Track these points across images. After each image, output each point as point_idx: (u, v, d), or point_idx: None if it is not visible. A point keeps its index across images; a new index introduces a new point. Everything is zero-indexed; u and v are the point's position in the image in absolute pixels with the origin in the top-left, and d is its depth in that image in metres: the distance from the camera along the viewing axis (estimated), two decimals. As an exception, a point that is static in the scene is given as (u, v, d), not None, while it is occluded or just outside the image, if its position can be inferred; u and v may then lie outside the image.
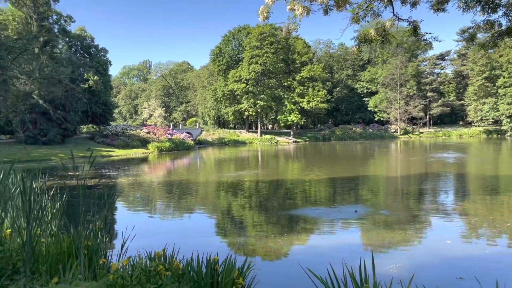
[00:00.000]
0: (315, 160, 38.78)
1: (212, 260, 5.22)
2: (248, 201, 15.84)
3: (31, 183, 6.22)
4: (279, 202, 15.27)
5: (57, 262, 6.42)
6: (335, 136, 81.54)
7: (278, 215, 12.81)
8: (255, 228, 11.17)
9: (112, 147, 52.82)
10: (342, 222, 11.52)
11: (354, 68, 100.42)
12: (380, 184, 20.31)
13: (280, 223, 11.62)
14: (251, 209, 14.10)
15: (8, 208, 6.79)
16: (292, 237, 10.12)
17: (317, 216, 12.30)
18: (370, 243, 9.26)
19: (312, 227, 11.09)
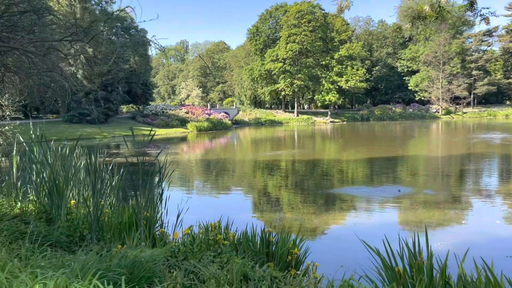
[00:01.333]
0: (354, 140, 38.38)
1: (266, 232, 5.48)
2: (291, 180, 16.08)
3: (95, 159, 6.68)
4: (322, 182, 15.42)
5: (120, 231, 6.91)
6: (373, 116, 79.94)
7: (323, 193, 12.98)
8: (303, 205, 11.40)
9: (152, 126, 54.23)
10: (388, 201, 11.55)
11: (394, 46, 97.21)
12: (421, 164, 20.00)
13: (327, 202, 11.80)
14: (295, 188, 14.34)
15: (70, 181, 7.30)
16: (341, 214, 10.32)
17: (362, 195, 12.39)
18: (418, 221, 9.29)
19: (360, 205, 11.22)
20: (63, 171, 7.08)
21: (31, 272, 3.24)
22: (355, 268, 4.59)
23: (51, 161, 7.19)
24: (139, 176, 6.81)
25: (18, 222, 6.51)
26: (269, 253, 5.21)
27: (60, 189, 6.80)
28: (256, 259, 5.03)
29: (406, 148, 28.86)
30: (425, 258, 4.21)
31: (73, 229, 6.83)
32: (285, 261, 5.04)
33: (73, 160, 7.53)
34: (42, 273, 3.29)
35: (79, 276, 3.34)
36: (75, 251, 6.20)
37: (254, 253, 5.23)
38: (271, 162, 21.58)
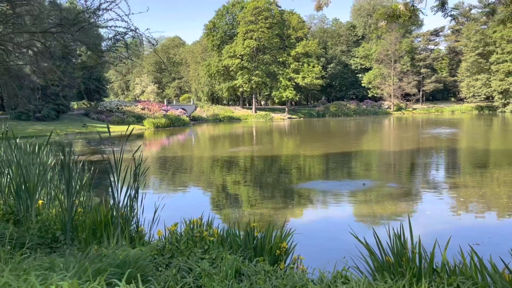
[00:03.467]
0: (312, 136, 39.13)
1: (251, 227, 5.49)
2: (254, 176, 16.16)
3: (69, 157, 6.41)
4: (287, 177, 15.62)
5: (94, 230, 6.67)
6: (329, 113, 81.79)
7: (289, 188, 13.16)
8: (273, 200, 11.49)
9: (107, 123, 52.55)
10: (355, 194, 11.88)
11: (348, 44, 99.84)
12: (379, 159, 20.75)
13: (297, 196, 11.98)
14: (260, 184, 14.43)
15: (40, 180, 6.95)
16: (315, 208, 10.54)
17: (329, 189, 12.67)
18: (390, 213, 9.65)
19: (331, 199, 11.48)
20: (31, 170, 6.73)
21: (37, 276, 3.07)
22: (343, 259, 4.70)
23: (17, 159, 6.81)
24: (112, 173, 6.62)
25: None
26: (256, 248, 5.23)
27: (29, 188, 6.46)
28: (245, 255, 5.04)
29: (363, 143, 29.81)
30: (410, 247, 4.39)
31: (44, 230, 6.53)
32: (274, 255, 5.08)
33: (38, 158, 7.17)
34: (40, 275, 3.13)
35: (81, 277, 3.22)
36: (49, 252, 5.94)
37: (241, 248, 5.24)
38: (234, 159, 21.57)
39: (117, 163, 6.52)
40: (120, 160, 6.47)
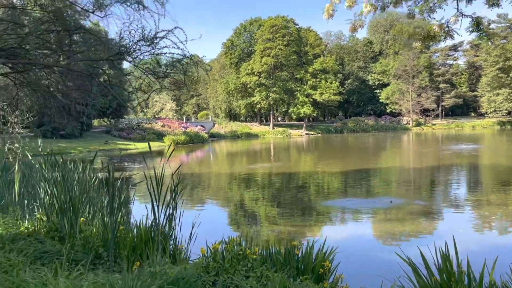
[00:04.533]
0: (331, 152, 39.01)
1: (292, 245, 5.57)
2: (280, 194, 16.22)
3: (113, 174, 6.62)
4: (311, 194, 15.64)
5: (134, 247, 6.83)
6: (347, 128, 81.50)
7: (315, 206, 13.17)
8: (302, 218, 11.53)
9: (128, 141, 53.47)
10: (384, 212, 11.82)
11: (365, 60, 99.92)
12: (400, 175, 20.60)
13: (326, 214, 11.98)
14: (285, 201, 14.48)
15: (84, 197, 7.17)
16: (346, 225, 10.55)
17: (357, 206, 12.64)
18: (422, 231, 9.60)
19: (360, 217, 11.46)
20: (75, 187, 6.97)
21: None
22: (389, 279, 4.73)
23: (62, 176, 7.05)
24: (153, 190, 6.78)
25: (34, 241, 6.38)
26: (298, 266, 5.30)
27: (75, 205, 6.69)
28: (288, 273, 5.12)
29: (383, 159, 29.62)
30: (456, 267, 4.41)
31: (88, 247, 6.72)
32: (317, 274, 5.15)
33: (83, 175, 7.40)
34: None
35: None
36: (94, 269, 6.10)
37: (284, 266, 5.32)
38: (256, 176, 21.69)
39: (158, 180, 6.69)
40: (161, 178, 6.65)
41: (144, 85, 5.42)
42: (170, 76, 5.03)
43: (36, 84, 5.95)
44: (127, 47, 4.40)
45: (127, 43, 4.39)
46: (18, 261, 5.50)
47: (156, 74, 4.96)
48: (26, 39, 4.68)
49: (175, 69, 4.79)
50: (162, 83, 5.07)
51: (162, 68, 4.85)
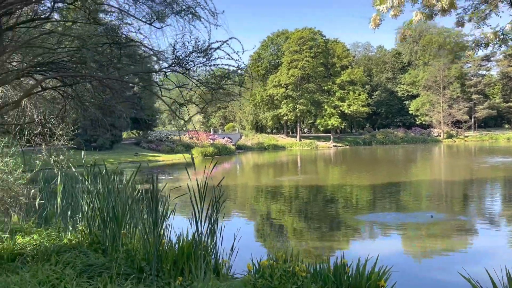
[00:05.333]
0: (362, 165, 38.32)
1: (342, 262, 5.35)
2: (315, 208, 15.93)
3: (156, 187, 6.57)
4: (349, 208, 15.28)
5: (176, 262, 6.73)
6: (376, 140, 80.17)
7: (351, 221, 12.83)
8: (340, 233, 11.24)
9: (157, 152, 54.17)
10: (428, 227, 11.37)
11: (393, 71, 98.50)
12: (434, 189, 19.95)
13: (367, 229, 11.64)
14: (320, 215, 14.18)
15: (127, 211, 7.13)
16: (390, 241, 10.19)
17: (396, 221, 12.25)
18: (475, 248, 9.18)
19: (403, 232, 11.07)
20: (118, 200, 6.95)
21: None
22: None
23: (104, 189, 7.06)
24: (196, 203, 6.67)
25: (79, 254, 6.37)
26: (350, 285, 5.07)
27: (118, 218, 6.67)
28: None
29: (417, 172, 28.84)
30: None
31: (130, 260, 6.67)
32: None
33: (126, 187, 7.37)
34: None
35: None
36: (137, 283, 6.02)
37: (335, 285, 5.10)
38: (291, 187, 21.44)
39: (200, 193, 6.59)
40: (204, 190, 6.55)
41: (195, 98, 5.38)
42: (224, 88, 4.97)
43: (82, 96, 6.01)
44: (180, 59, 4.36)
45: (180, 55, 4.35)
46: (65, 274, 5.48)
47: (210, 86, 4.90)
48: (79, 52, 4.72)
49: (230, 81, 4.72)
50: (215, 95, 5.01)
51: (216, 80, 4.78)
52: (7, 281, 5.20)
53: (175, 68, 4.39)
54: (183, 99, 4.69)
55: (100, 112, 7.72)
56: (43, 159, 7.80)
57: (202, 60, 4.36)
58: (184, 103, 4.76)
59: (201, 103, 14.32)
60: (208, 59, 4.36)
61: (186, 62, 4.36)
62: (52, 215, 8.69)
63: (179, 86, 4.63)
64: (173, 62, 4.37)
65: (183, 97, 4.69)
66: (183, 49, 4.30)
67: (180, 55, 4.29)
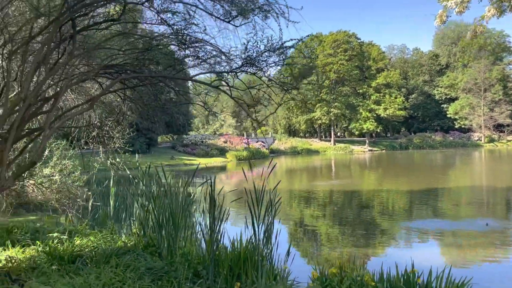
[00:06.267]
0: (402, 169, 37.32)
1: (412, 271, 5.06)
2: (358, 214, 15.52)
3: (214, 190, 6.47)
4: (392, 215, 14.79)
5: (233, 267, 6.60)
6: (412, 145, 78.09)
7: (407, 227, 12.36)
8: (390, 240, 10.85)
9: (193, 156, 54.74)
10: (487, 235, 10.80)
11: (431, 74, 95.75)
12: (482, 195, 19.07)
13: (423, 236, 11.19)
14: (365, 222, 13.77)
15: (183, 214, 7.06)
16: (450, 251, 9.75)
17: (449, 228, 11.73)
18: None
19: (458, 242, 10.55)
20: (174, 203, 6.90)
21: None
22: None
23: (160, 192, 7.02)
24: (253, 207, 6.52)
25: (138, 257, 6.34)
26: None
27: (175, 222, 6.61)
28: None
29: (458, 177, 27.75)
30: None
31: (187, 264, 6.59)
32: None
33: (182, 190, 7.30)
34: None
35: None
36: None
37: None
38: (335, 193, 21.06)
39: (258, 196, 6.44)
40: (261, 193, 6.40)
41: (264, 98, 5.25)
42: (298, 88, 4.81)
43: (141, 99, 6.01)
44: (251, 58, 4.24)
45: (251, 54, 4.24)
46: (127, 277, 5.45)
47: (283, 86, 4.76)
48: (144, 54, 4.69)
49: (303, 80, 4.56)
50: (290, 95, 4.86)
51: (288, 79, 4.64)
52: (71, 283, 5.21)
53: (246, 68, 4.28)
54: (251, 99, 4.55)
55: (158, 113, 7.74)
56: (101, 161, 7.91)
57: (276, 59, 4.24)
58: (252, 104, 4.63)
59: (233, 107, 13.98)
60: (283, 58, 4.23)
61: (258, 62, 4.25)
62: (104, 217, 8.77)
63: (250, 87, 4.51)
64: (244, 62, 4.26)
65: (252, 97, 4.57)
66: (255, 48, 4.19)
67: (251, 55, 4.18)
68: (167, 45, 4.68)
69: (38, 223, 8.67)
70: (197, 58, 4.77)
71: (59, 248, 6.65)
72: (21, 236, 7.51)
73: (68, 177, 7.68)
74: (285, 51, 4.30)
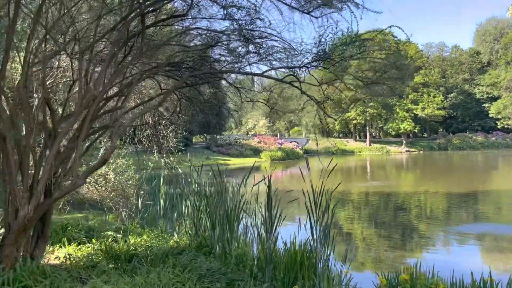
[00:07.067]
0: (444, 171, 36.06)
1: (489, 279, 4.72)
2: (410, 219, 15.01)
3: (270, 189, 6.31)
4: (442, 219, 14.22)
5: (289, 269, 6.41)
6: (452, 145, 75.49)
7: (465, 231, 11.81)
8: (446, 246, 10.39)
9: (227, 156, 55.03)
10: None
11: (471, 72, 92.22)
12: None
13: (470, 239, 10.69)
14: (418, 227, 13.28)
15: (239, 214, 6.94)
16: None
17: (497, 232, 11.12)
18: None
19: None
20: (229, 203, 6.79)
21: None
22: None
23: (215, 192, 6.92)
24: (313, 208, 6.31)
25: (194, 258, 6.27)
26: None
27: (230, 222, 6.50)
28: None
29: (504, 180, 26.46)
30: None
31: (242, 266, 6.47)
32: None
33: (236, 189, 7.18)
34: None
35: None
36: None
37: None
38: (375, 194, 20.55)
39: (315, 198, 6.23)
40: (320, 196, 6.19)
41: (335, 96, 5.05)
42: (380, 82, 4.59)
43: (196, 98, 5.95)
44: (325, 52, 4.07)
45: (324, 48, 4.07)
46: (187, 278, 5.36)
47: (364, 81, 4.55)
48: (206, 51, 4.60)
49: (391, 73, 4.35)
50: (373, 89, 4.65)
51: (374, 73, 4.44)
52: (132, 283, 5.17)
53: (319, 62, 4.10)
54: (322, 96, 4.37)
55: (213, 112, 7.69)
56: (155, 160, 7.96)
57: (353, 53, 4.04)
58: (321, 102, 4.45)
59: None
60: (361, 51, 4.03)
61: (332, 55, 4.06)
62: (153, 216, 8.79)
63: (323, 83, 4.33)
64: (316, 56, 4.09)
65: (323, 93, 4.39)
66: (328, 41, 4.01)
67: (325, 48, 4.01)
68: (231, 41, 4.57)
69: (90, 221, 8.78)
70: (258, 55, 4.63)
71: (115, 246, 6.66)
72: (75, 233, 7.60)
73: (122, 175, 7.76)
74: (363, 43, 4.09)
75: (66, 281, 3.93)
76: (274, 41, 4.50)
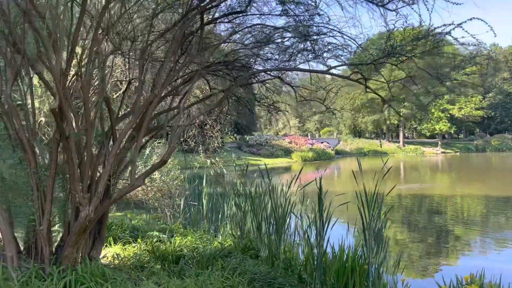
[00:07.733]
0: (489, 174, 34.69)
1: None
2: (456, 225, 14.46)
3: (321, 190, 6.12)
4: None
5: (338, 275, 6.19)
6: (490, 147, 72.76)
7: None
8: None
9: (258, 156, 54.96)
10: None
11: (511, 71, 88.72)
12: None
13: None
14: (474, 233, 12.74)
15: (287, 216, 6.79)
16: None
17: None
18: None
19: None
20: (276, 205, 6.63)
21: None
22: None
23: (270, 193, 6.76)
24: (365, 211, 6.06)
25: (242, 260, 6.14)
26: None
27: (278, 225, 6.35)
28: None
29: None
30: None
31: (291, 270, 6.31)
32: None
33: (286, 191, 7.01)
34: None
35: None
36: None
37: None
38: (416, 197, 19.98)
39: (368, 201, 5.98)
40: (373, 198, 5.94)
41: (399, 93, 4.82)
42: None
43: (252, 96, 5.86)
44: (394, 47, 3.88)
45: (393, 43, 3.87)
46: (237, 282, 5.25)
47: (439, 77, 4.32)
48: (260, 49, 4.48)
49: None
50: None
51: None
52: (182, 285, 5.10)
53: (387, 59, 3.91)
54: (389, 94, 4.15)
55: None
56: (201, 160, 7.93)
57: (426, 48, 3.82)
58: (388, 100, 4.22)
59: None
60: (435, 46, 3.81)
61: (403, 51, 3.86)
62: (196, 216, 8.75)
63: (391, 81, 4.11)
64: (385, 52, 3.89)
65: (390, 92, 4.19)
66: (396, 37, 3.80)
67: (393, 44, 3.82)
68: (285, 38, 4.43)
69: (133, 220, 8.83)
70: (313, 52, 4.46)
71: (161, 247, 6.63)
72: (120, 233, 7.62)
73: (167, 175, 7.76)
74: (438, 38, 3.87)
75: (125, 283, 3.87)
76: (333, 37, 4.33)
